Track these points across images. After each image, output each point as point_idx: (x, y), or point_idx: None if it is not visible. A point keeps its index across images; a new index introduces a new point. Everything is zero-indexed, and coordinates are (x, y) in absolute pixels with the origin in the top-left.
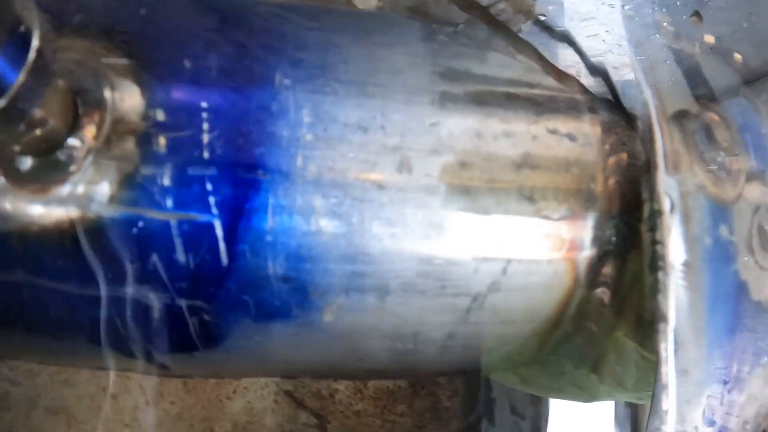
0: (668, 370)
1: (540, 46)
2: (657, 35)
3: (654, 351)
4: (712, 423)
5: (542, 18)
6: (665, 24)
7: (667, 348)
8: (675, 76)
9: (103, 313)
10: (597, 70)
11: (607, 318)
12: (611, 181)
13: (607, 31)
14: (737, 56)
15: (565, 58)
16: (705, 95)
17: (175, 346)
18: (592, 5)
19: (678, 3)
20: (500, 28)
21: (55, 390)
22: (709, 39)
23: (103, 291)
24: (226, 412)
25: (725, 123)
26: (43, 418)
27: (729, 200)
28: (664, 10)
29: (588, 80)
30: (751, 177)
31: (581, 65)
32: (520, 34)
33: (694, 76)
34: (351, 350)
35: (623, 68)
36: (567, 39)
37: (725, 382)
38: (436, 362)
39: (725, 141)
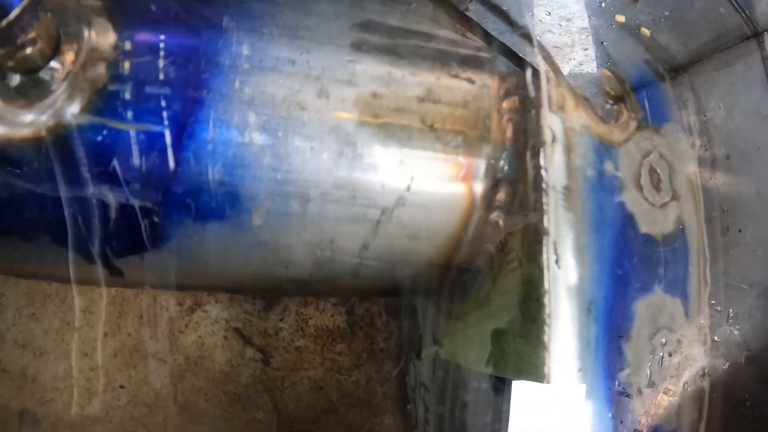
0: (550, 276)
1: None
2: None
3: (538, 265)
4: (653, 384)
5: None
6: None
7: (548, 258)
8: None
9: (69, 211)
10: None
11: (503, 240)
12: (504, 119)
13: (547, 13)
14: (645, 31)
15: None
16: (600, 58)
17: (128, 246)
18: None
19: None
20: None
21: (22, 324)
22: (620, 18)
23: (71, 190)
24: (178, 346)
25: (617, 78)
26: (11, 350)
27: (617, 141)
28: None
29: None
30: (643, 126)
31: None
32: (468, 13)
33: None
34: (278, 257)
35: (564, 48)
36: (508, 19)
37: (658, 330)
38: (355, 275)
39: (614, 91)
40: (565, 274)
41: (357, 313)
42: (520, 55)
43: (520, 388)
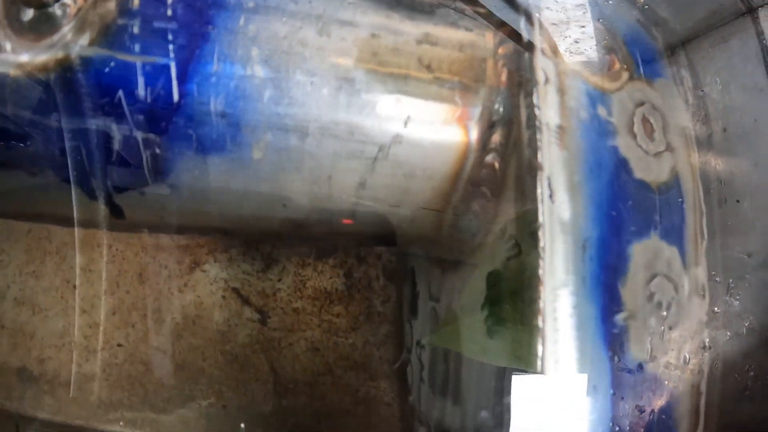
0: (545, 210)
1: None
2: None
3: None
4: (654, 359)
5: None
6: None
7: (542, 193)
8: None
9: (73, 144)
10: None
11: (498, 182)
12: (500, 64)
13: None
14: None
15: None
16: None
17: (130, 180)
18: None
19: None
20: None
21: (22, 281)
22: None
23: (76, 123)
24: (177, 304)
25: (610, 34)
26: (11, 307)
27: (609, 89)
28: None
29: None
30: (635, 78)
31: None
32: None
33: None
34: (276, 193)
35: (561, 25)
36: None
37: (654, 275)
38: (351, 216)
39: (606, 41)
40: (560, 210)
41: (355, 275)
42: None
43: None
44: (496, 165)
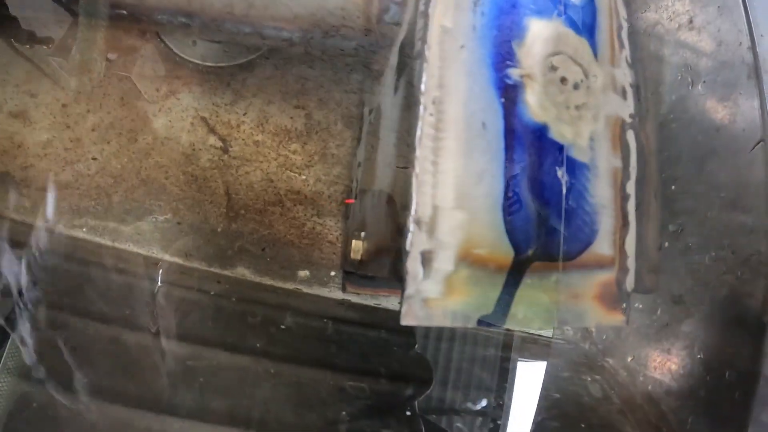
0: None
1: None
2: None
3: None
4: (559, 129)
5: None
6: None
7: None
8: None
9: None
10: None
11: None
12: None
13: None
14: None
15: None
16: None
17: None
18: None
19: None
20: None
21: (19, 98)
22: None
23: None
24: (150, 126)
25: None
26: (4, 119)
27: None
28: None
29: None
30: None
31: None
32: None
33: None
34: None
35: None
36: None
37: (557, 52)
38: None
39: None
40: None
41: (315, 118)
42: None
43: None
44: None
